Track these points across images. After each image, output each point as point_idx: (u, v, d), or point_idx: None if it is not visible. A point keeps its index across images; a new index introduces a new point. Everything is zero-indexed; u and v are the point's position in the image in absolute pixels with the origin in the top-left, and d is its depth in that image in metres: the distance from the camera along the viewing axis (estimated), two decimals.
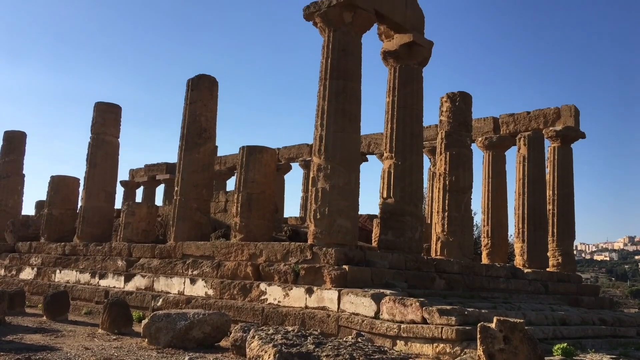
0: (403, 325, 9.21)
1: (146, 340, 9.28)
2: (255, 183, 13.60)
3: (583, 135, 19.46)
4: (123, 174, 32.64)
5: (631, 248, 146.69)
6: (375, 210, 14.22)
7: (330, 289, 10.74)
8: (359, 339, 7.46)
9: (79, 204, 18.66)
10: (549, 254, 18.65)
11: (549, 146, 19.49)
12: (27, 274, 18.46)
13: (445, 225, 14.60)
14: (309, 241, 11.88)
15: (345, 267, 10.93)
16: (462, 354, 8.36)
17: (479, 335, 6.51)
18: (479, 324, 6.62)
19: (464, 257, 14.36)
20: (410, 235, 13.04)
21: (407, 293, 10.57)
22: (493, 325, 6.50)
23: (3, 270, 19.54)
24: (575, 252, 20.71)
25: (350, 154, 12.03)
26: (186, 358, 7.91)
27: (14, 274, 18.96)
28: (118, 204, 21.77)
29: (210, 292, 12.76)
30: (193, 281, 13.30)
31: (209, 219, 15.38)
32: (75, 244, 17.74)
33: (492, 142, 20.04)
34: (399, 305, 9.55)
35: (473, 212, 16.58)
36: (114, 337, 10.12)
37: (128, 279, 14.98)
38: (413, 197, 13.30)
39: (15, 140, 22.15)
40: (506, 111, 20.87)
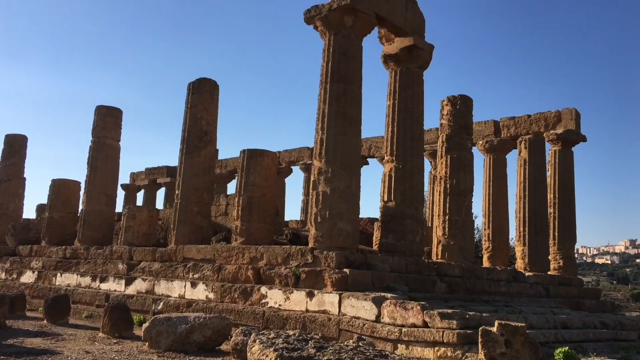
0: (404, 329, 9.19)
1: (147, 344, 9.28)
2: (256, 186, 13.60)
3: (584, 139, 19.46)
4: (124, 178, 32.70)
5: (632, 251, 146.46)
6: (376, 214, 14.23)
7: (331, 292, 10.73)
8: (360, 343, 7.44)
9: (80, 207, 18.66)
10: (550, 257, 18.63)
11: (550, 149, 19.49)
12: (28, 277, 18.45)
13: (446, 229, 14.61)
14: (310, 244, 11.87)
15: (346, 271, 10.92)
16: (464, 358, 8.36)
17: (480, 339, 6.50)
18: (481, 328, 6.61)
19: (465, 261, 14.35)
20: (411, 239, 13.03)
21: (408, 296, 10.55)
22: (494, 329, 6.49)
23: (4, 273, 19.54)
24: (576, 256, 20.67)
25: (350, 158, 12.03)
26: None
27: (15, 277, 18.96)
28: (119, 207, 21.79)
29: (211, 296, 12.74)
30: (194, 285, 13.29)
31: (209, 222, 15.37)
32: (76, 247, 17.74)
33: (493, 146, 20.03)
34: (400, 308, 9.53)
35: (474, 216, 16.53)
36: (115, 341, 10.11)
37: (129, 283, 14.97)
38: (414, 201, 13.29)
39: (16, 144, 22.16)
40: (507, 114, 20.94)
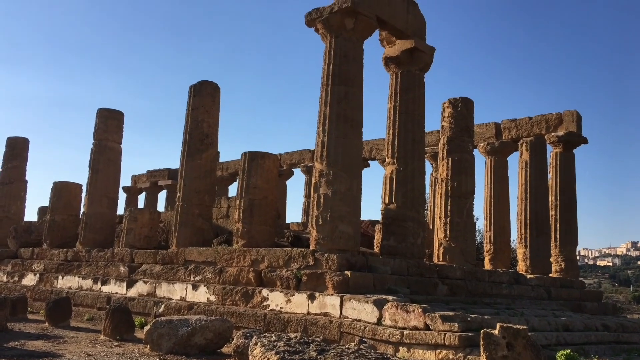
0: (406, 332, 9.18)
1: (148, 346, 9.27)
2: (257, 189, 13.61)
3: (585, 141, 19.45)
4: (125, 180, 32.75)
5: (634, 253, 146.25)
6: (377, 216, 14.20)
7: (332, 295, 10.72)
8: (362, 346, 7.44)
9: (82, 210, 18.68)
10: (551, 259, 18.61)
11: (551, 152, 19.48)
12: (30, 280, 18.46)
13: (448, 231, 14.60)
14: (311, 247, 11.87)
15: (348, 273, 10.91)
16: None
17: (482, 342, 6.49)
18: (482, 331, 6.60)
19: (467, 263, 14.34)
20: (413, 241, 13.02)
21: (410, 299, 10.55)
22: (496, 331, 6.48)
23: (5, 276, 19.55)
24: (578, 258, 20.65)
25: (352, 160, 12.04)
26: None
27: (17, 280, 18.97)
28: (120, 209, 21.83)
29: (213, 298, 12.74)
30: (195, 287, 13.29)
31: (211, 224, 15.38)
32: (78, 250, 17.75)
33: (494, 148, 20.02)
34: (401, 311, 9.53)
35: (475, 218, 16.52)
36: (116, 344, 10.11)
37: (130, 285, 14.98)
38: (415, 203, 13.29)
39: (18, 147, 22.20)
40: (508, 116, 20.89)
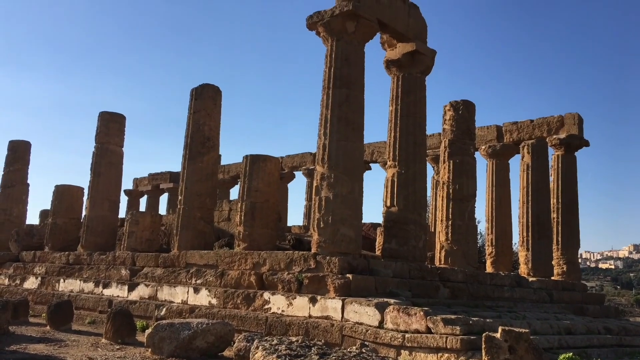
0: (407, 335, 9.16)
1: (149, 350, 9.26)
2: (258, 192, 13.61)
3: (587, 143, 19.43)
4: (127, 183, 32.80)
5: (636, 256, 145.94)
6: (379, 219, 14.20)
7: (334, 298, 10.71)
8: (364, 349, 7.43)
9: (83, 213, 18.70)
10: (553, 262, 18.58)
11: (553, 154, 19.46)
12: (31, 283, 18.47)
13: (449, 234, 14.58)
14: (313, 250, 11.86)
15: (349, 276, 10.90)
16: None
17: (484, 345, 6.49)
18: (484, 334, 6.59)
19: (468, 266, 14.32)
20: (414, 244, 13.01)
21: (411, 302, 10.53)
22: (498, 335, 6.47)
23: (7, 279, 19.56)
24: (580, 261, 20.62)
25: (353, 163, 12.03)
26: None
27: (18, 283, 18.98)
28: (122, 213, 21.84)
29: (214, 302, 12.74)
30: (196, 290, 13.29)
31: (212, 227, 15.38)
32: (79, 253, 17.76)
33: (496, 151, 20.01)
34: (403, 314, 9.51)
35: (477, 221, 16.52)
36: (118, 347, 10.10)
37: (132, 288, 14.97)
38: (417, 206, 13.28)
39: (20, 150, 22.25)
40: (509, 119, 20.85)
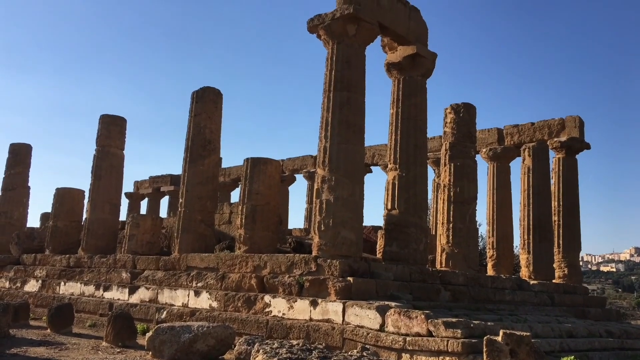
0: (408, 338, 9.15)
1: (150, 353, 9.25)
2: (259, 195, 13.61)
3: (588, 146, 19.42)
4: (128, 186, 32.77)
5: (638, 259, 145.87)
6: (380, 222, 14.18)
7: (334, 301, 10.69)
8: (364, 353, 7.41)
9: (84, 216, 18.69)
10: (554, 265, 18.56)
11: (554, 157, 19.46)
12: (32, 286, 18.46)
13: (450, 237, 14.56)
14: (314, 253, 11.85)
15: (350, 279, 10.89)
16: None
17: (485, 349, 6.47)
18: (485, 337, 6.58)
19: (469, 269, 14.30)
20: (415, 247, 12.99)
21: (412, 305, 10.51)
22: (499, 338, 6.46)
23: (8, 282, 19.56)
24: (581, 264, 20.60)
25: (354, 166, 12.03)
26: None
27: (19, 286, 18.97)
28: (123, 216, 21.85)
29: (215, 305, 12.72)
30: (197, 293, 13.27)
31: (213, 230, 15.37)
32: (80, 256, 17.76)
33: (497, 153, 20.01)
34: (404, 317, 9.49)
35: (478, 224, 16.50)
36: (118, 350, 10.09)
37: (132, 291, 14.96)
38: (417, 209, 13.27)
39: (21, 153, 22.27)
40: (510, 122, 20.93)
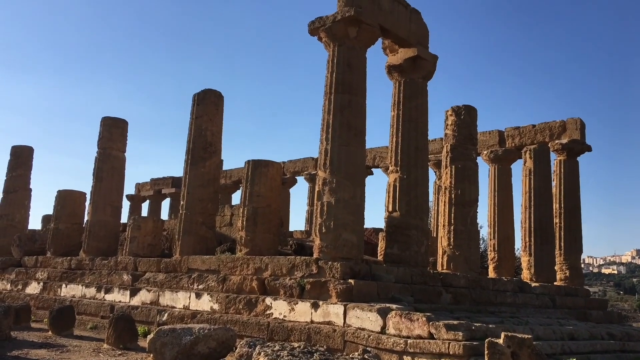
0: (410, 341, 9.14)
1: (151, 355, 9.25)
2: (260, 197, 13.61)
3: (589, 148, 19.41)
4: (129, 188, 32.75)
5: (639, 261, 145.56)
6: (381, 224, 14.19)
7: (336, 303, 10.69)
8: (366, 355, 7.41)
9: (85, 218, 18.71)
10: (556, 267, 18.53)
11: (555, 159, 19.45)
12: (33, 288, 18.47)
13: (452, 239, 14.55)
14: (315, 255, 11.85)
15: (351, 282, 10.89)
16: None
17: (486, 351, 6.47)
18: (487, 340, 6.58)
19: (471, 271, 14.29)
20: (416, 249, 12.99)
21: (414, 307, 10.50)
22: (501, 340, 6.46)
23: (9, 284, 19.57)
24: (582, 266, 20.55)
25: (355, 168, 12.04)
26: None
27: (20, 288, 18.98)
28: (124, 218, 21.86)
29: (216, 307, 12.72)
30: (198, 295, 13.27)
31: (214, 233, 15.38)
32: (81, 258, 17.76)
33: (498, 156, 20.00)
34: (405, 320, 9.49)
35: (479, 226, 16.51)
36: (119, 352, 10.10)
37: (134, 294, 14.97)
38: (419, 211, 13.27)
39: (23, 155, 22.30)
40: (511, 124, 20.90)
